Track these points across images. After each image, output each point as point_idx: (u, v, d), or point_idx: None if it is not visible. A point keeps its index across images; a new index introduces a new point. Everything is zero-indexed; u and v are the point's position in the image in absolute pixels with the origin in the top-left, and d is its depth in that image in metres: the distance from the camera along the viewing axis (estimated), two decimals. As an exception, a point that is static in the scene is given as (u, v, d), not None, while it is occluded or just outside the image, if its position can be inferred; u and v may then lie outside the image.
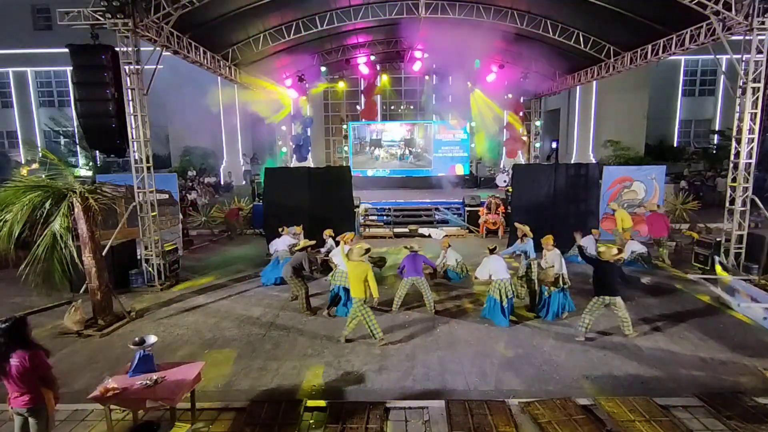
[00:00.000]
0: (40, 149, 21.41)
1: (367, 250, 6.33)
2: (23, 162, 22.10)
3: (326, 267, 8.84)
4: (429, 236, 13.40)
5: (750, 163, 8.98)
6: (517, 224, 8.54)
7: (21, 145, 23.16)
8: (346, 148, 20.35)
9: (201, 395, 4.91)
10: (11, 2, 21.31)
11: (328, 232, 9.33)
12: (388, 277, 9.41)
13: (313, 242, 8.10)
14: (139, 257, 9.22)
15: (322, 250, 9.14)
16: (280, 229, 9.66)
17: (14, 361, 3.44)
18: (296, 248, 7.85)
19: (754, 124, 8.94)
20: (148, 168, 9.03)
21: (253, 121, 21.51)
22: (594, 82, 17.17)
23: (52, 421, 3.69)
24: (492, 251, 7.12)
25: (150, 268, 8.96)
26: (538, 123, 21.40)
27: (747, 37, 8.74)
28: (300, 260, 7.40)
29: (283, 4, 12.80)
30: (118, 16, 8.33)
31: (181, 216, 12.08)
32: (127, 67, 8.60)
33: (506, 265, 7.00)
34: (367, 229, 13.79)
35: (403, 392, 5.07)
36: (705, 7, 8.79)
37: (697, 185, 17.29)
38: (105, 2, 8.20)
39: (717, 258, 9.08)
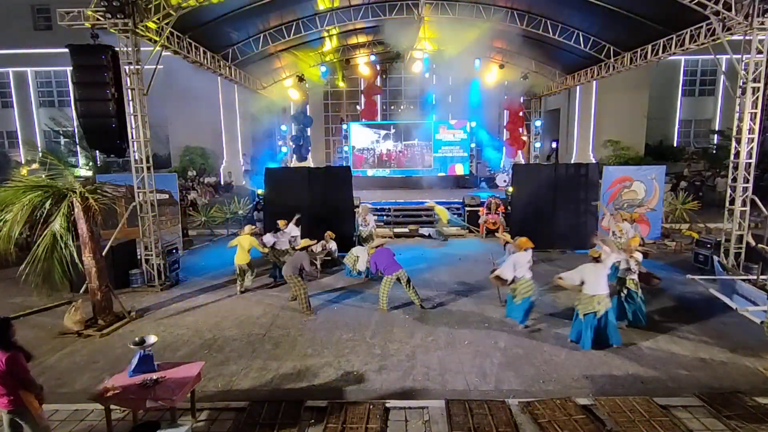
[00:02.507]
0: (40, 149, 21.42)
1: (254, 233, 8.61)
2: (23, 162, 22.07)
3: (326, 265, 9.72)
4: (429, 236, 13.41)
5: (750, 163, 8.98)
6: (498, 235, 8.76)
7: (21, 145, 23.13)
8: (346, 148, 20.33)
9: (201, 395, 4.91)
10: (11, 2, 21.28)
11: (329, 234, 9.82)
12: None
13: (314, 242, 8.17)
14: (139, 257, 9.22)
15: (330, 247, 9.77)
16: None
17: None
18: (298, 247, 7.89)
19: (754, 124, 8.94)
20: (148, 168, 9.03)
21: (253, 121, 21.52)
22: (594, 82, 17.17)
23: (42, 420, 3.66)
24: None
25: (150, 268, 8.96)
26: (538, 123, 21.42)
27: (747, 37, 8.74)
28: (301, 260, 7.42)
29: (283, 4, 12.81)
30: (118, 16, 8.33)
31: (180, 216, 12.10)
32: (127, 67, 8.60)
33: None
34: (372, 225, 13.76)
35: (403, 392, 5.07)
36: (705, 7, 8.79)
37: (697, 185, 17.28)
38: (105, 2, 8.19)
39: (716, 258, 9.08)
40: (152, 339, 4.42)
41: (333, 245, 10.09)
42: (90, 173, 18.64)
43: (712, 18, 9.02)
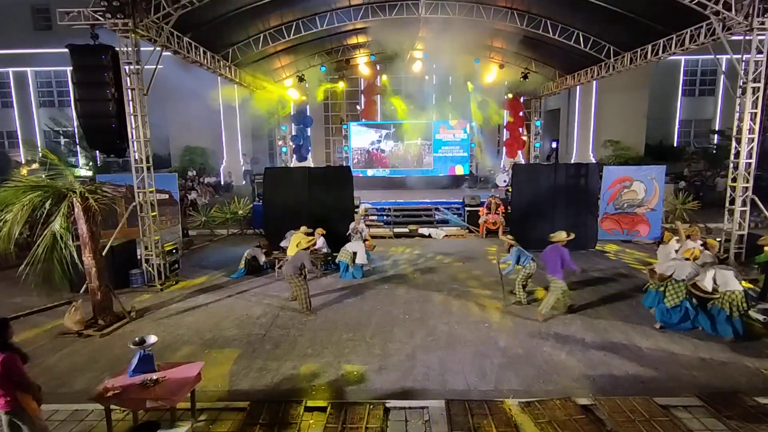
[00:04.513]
0: (40, 149, 21.40)
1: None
2: (23, 162, 22.06)
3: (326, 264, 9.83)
4: (429, 236, 13.42)
5: (750, 163, 8.99)
6: (502, 237, 8.79)
7: (21, 145, 23.11)
8: (346, 148, 20.34)
9: (201, 395, 4.91)
10: (11, 2, 21.27)
11: (320, 231, 9.68)
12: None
13: (314, 239, 8.20)
14: (139, 257, 9.23)
15: (318, 244, 9.64)
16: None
17: None
18: (299, 247, 7.89)
19: (754, 124, 8.95)
20: (148, 168, 9.03)
21: (253, 121, 21.52)
22: (594, 82, 17.17)
23: (39, 420, 3.66)
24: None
25: (150, 268, 8.96)
26: (538, 123, 21.42)
27: (747, 37, 8.75)
28: (301, 259, 7.43)
29: (283, 4, 12.82)
30: (118, 16, 8.34)
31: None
32: (127, 67, 8.60)
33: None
34: (367, 229, 13.77)
35: (403, 392, 5.07)
36: (705, 7, 8.79)
37: (697, 185, 17.28)
38: (105, 2, 8.21)
39: None
40: (152, 339, 4.42)
41: (321, 241, 9.95)
42: (90, 173, 18.64)
43: (712, 18, 9.02)
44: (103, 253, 7.36)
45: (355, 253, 9.35)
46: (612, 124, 20.76)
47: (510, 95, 20.30)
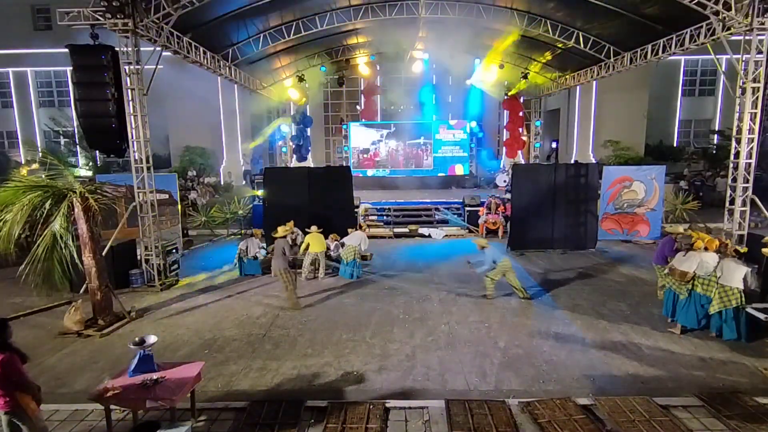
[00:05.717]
0: (40, 149, 21.38)
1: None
2: (23, 162, 22.04)
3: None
4: (429, 236, 13.42)
5: (750, 163, 8.99)
6: (474, 240, 9.03)
7: (21, 145, 23.08)
8: (346, 148, 20.33)
9: (201, 395, 4.91)
10: (11, 2, 21.26)
11: (334, 237, 9.99)
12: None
13: (288, 229, 8.45)
14: (139, 257, 9.22)
15: (331, 247, 9.96)
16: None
17: None
18: (276, 235, 8.09)
19: (754, 124, 8.94)
20: (148, 168, 9.03)
21: (253, 121, 21.53)
22: (594, 82, 17.16)
23: (39, 420, 3.66)
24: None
25: (150, 268, 8.96)
26: (537, 123, 21.42)
27: (747, 37, 8.74)
28: (282, 247, 7.54)
29: (283, 4, 12.81)
30: (118, 16, 8.33)
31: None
32: (127, 67, 8.60)
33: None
34: (367, 229, 13.78)
35: (403, 392, 5.07)
36: (705, 7, 8.79)
37: (697, 185, 17.29)
38: (105, 2, 8.20)
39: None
40: (152, 339, 4.42)
41: (336, 245, 10.05)
42: (90, 173, 18.62)
43: (712, 18, 9.02)
44: (103, 253, 7.36)
45: (359, 245, 9.42)
46: (612, 124, 20.73)
47: (510, 93, 20.29)
